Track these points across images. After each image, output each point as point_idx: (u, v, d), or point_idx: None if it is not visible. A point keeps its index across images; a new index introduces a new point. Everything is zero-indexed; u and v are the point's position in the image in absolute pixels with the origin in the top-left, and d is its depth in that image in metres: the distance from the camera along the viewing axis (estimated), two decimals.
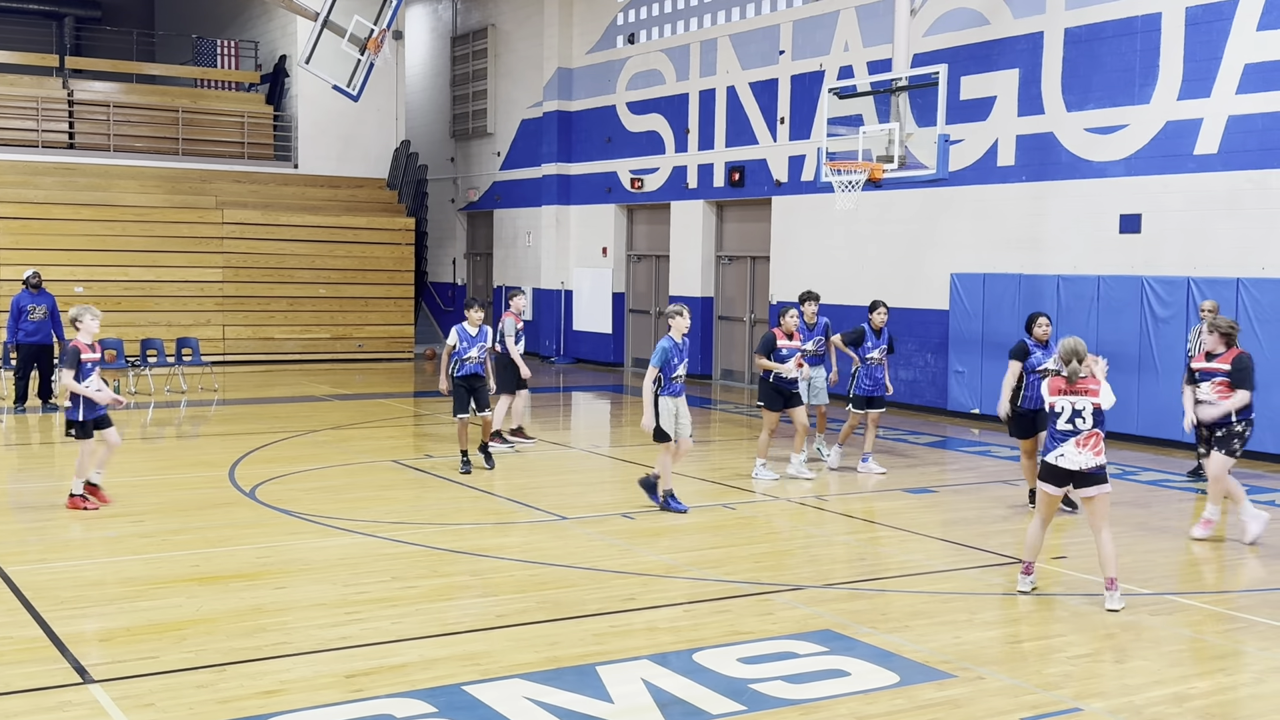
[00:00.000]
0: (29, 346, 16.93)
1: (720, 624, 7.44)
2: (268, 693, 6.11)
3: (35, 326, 16.85)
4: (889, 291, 18.52)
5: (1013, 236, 16.82)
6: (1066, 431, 7.87)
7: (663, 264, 23.94)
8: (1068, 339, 8.05)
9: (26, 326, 16.79)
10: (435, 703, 6.00)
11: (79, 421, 10.31)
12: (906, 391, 18.31)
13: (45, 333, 16.94)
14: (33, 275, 17.10)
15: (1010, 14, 16.78)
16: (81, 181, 24.46)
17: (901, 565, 9.04)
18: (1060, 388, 7.95)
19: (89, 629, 7.12)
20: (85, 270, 23.01)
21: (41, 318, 16.85)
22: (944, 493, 12.26)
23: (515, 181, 27.45)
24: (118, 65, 29.44)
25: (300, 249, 25.08)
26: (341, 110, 25.23)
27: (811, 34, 19.91)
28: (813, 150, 18.66)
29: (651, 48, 23.53)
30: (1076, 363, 7.88)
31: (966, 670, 6.61)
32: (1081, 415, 7.84)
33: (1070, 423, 7.85)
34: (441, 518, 10.49)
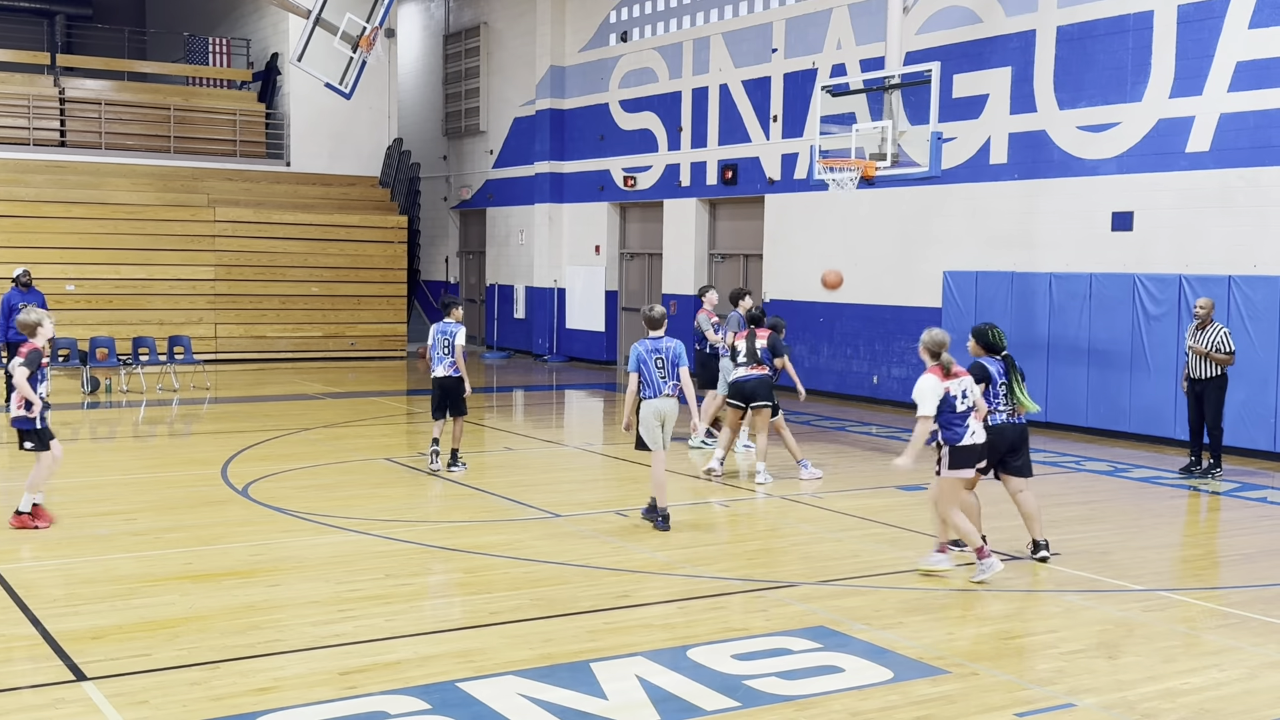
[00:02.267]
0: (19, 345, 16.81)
1: (714, 621, 7.45)
2: (261, 690, 6.10)
3: None
4: (882, 289, 18.56)
5: (1005, 234, 16.85)
6: (965, 412, 8.48)
7: (656, 262, 23.94)
8: (934, 331, 8.70)
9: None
10: (429, 699, 5.99)
11: (38, 430, 9.68)
12: (899, 389, 18.32)
13: None
14: (23, 274, 17.01)
15: (1002, 12, 16.80)
16: (73, 179, 24.39)
17: (895, 562, 9.05)
18: (941, 376, 8.47)
19: (82, 627, 7.10)
20: (77, 268, 22.95)
21: None
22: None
23: (508, 179, 27.43)
24: (109, 63, 29.36)
25: (292, 247, 25.04)
26: (334, 108, 25.18)
27: (804, 32, 19.92)
28: (806, 148, 18.68)
29: (644, 46, 23.52)
30: (945, 353, 8.53)
31: (960, 666, 6.62)
32: (967, 394, 8.49)
33: (965, 403, 8.45)
34: (435, 515, 10.48)
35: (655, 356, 9.90)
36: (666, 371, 9.91)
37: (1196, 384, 12.70)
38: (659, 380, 9.89)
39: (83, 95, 26.55)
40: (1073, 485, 12.44)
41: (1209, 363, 12.50)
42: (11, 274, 17.08)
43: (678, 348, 10.00)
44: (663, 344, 9.96)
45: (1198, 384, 12.68)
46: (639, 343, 10.03)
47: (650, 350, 9.91)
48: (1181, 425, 14.54)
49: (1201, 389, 12.65)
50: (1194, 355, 12.63)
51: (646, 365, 9.89)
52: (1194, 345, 12.60)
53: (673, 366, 9.94)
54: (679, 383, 9.98)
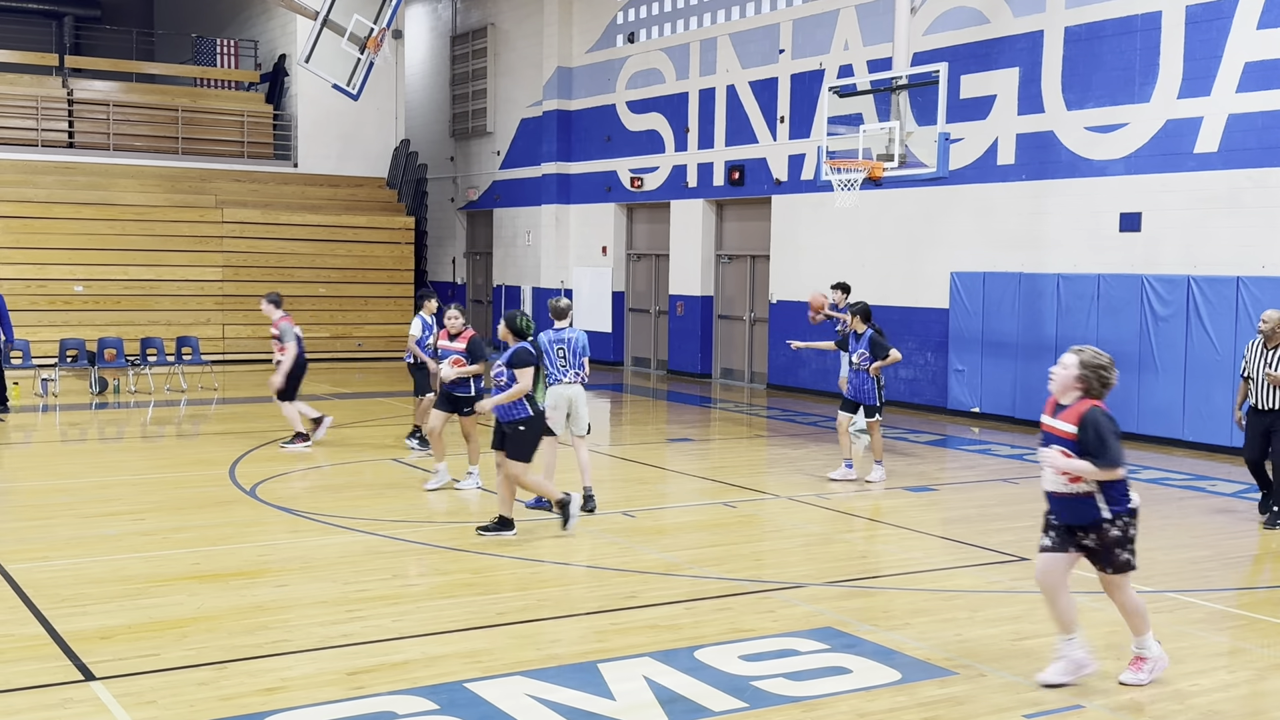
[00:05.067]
0: None
1: (721, 621, 7.44)
2: (269, 690, 6.11)
3: None
4: (889, 290, 18.54)
5: (1013, 235, 16.82)
6: None
7: (662, 263, 23.94)
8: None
9: None
10: (437, 700, 6.00)
11: None
12: (907, 390, 18.31)
13: None
14: None
15: (1010, 13, 16.78)
16: (81, 180, 24.45)
17: (902, 563, 9.04)
18: None
19: (90, 627, 7.11)
20: (85, 269, 23.01)
21: None
22: (944, 491, 12.26)
23: (515, 180, 27.45)
24: (117, 64, 29.43)
25: (300, 248, 25.08)
26: (341, 109, 25.22)
27: (811, 33, 19.91)
28: (813, 149, 18.66)
29: (651, 47, 23.53)
30: None
31: (968, 667, 6.61)
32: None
33: None
34: (442, 516, 10.48)
35: (558, 346, 10.53)
36: (569, 360, 10.51)
37: (1267, 415, 10.29)
38: (560, 368, 10.51)
39: (91, 96, 26.62)
40: None
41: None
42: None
43: (581, 337, 10.67)
44: (565, 334, 10.55)
45: (1269, 415, 10.28)
46: (543, 333, 10.56)
47: (554, 340, 10.52)
48: (1191, 426, 14.53)
49: (1274, 421, 10.27)
50: (1268, 382, 10.20)
51: (549, 354, 10.47)
52: (1271, 373, 10.15)
53: (575, 355, 10.56)
54: (581, 371, 10.60)
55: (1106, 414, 6.14)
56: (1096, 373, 6.17)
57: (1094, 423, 6.06)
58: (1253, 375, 10.37)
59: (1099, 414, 6.10)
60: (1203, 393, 14.39)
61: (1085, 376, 6.17)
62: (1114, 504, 6.18)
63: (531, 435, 9.44)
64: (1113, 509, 6.17)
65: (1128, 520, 6.21)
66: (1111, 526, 6.17)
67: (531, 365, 9.38)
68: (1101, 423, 6.08)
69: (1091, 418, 6.07)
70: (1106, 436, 6.06)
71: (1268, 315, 10.36)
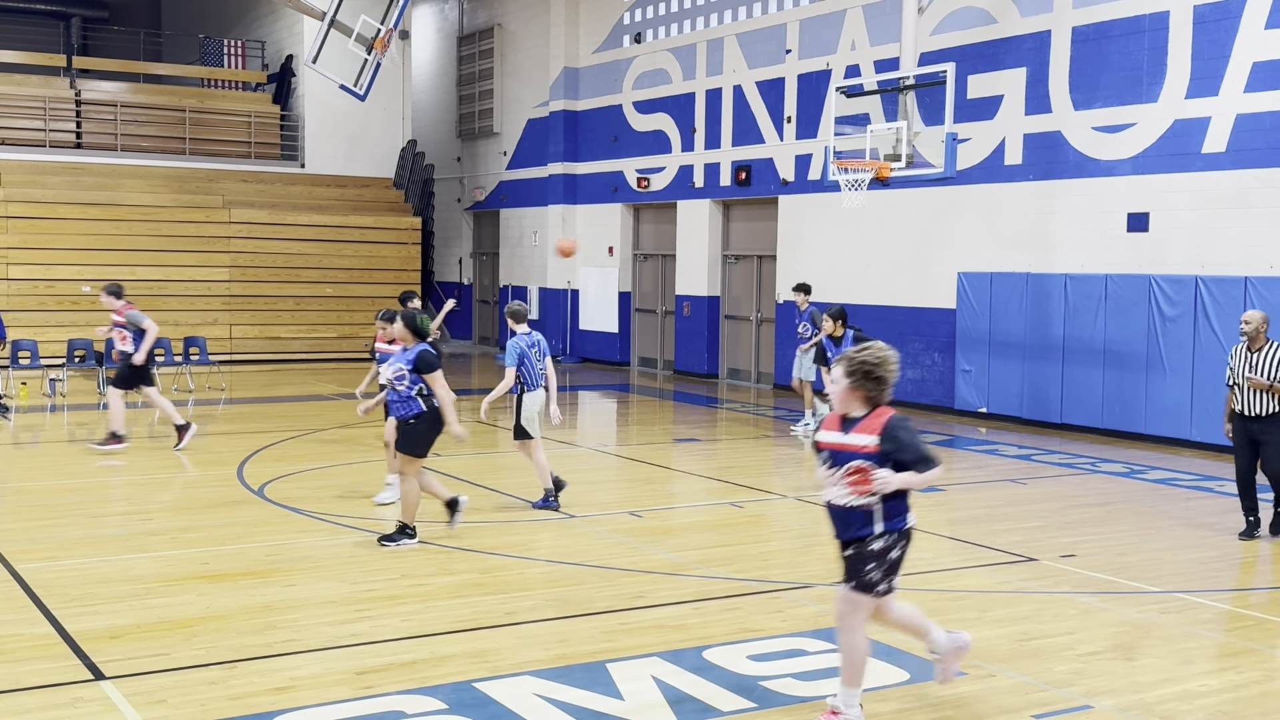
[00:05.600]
0: None
1: (730, 621, 7.44)
2: (279, 689, 6.12)
3: None
4: (896, 290, 18.53)
5: (1020, 235, 16.81)
6: None
7: (669, 263, 23.94)
8: None
9: None
10: (446, 699, 6.00)
11: None
12: (913, 390, 18.30)
13: None
14: None
15: (1018, 13, 16.76)
16: (89, 181, 24.49)
17: (910, 563, 8.98)
18: None
19: (99, 626, 7.13)
20: (93, 270, 23.04)
21: None
22: (952, 491, 12.25)
23: (521, 181, 27.47)
24: (125, 65, 29.48)
25: (307, 248, 25.11)
26: (348, 110, 25.25)
27: (818, 33, 19.91)
28: (819, 149, 18.66)
29: (658, 47, 23.53)
30: None
31: (976, 668, 6.61)
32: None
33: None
34: (447, 515, 10.47)
35: (533, 350, 10.53)
36: (542, 363, 10.59)
37: (1252, 423, 9.77)
38: (539, 372, 10.54)
39: (99, 97, 26.67)
40: (1089, 487, 12.41)
41: (1269, 396, 9.65)
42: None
43: (544, 340, 10.78)
44: (534, 337, 10.61)
45: (1254, 423, 9.75)
46: (518, 338, 10.51)
47: (529, 345, 10.51)
48: (1199, 426, 14.50)
49: (1260, 429, 9.72)
50: (1250, 388, 9.69)
51: (528, 359, 10.47)
52: (1253, 378, 9.64)
53: (544, 357, 10.64)
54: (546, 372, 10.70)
55: (905, 418, 5.61)
56: (862, 369, 5.56)
57: (897, 429, 5.52)
58: (1238, 382, 9.80)
59: (898, 420, 5.55)
60: (1210, 393, 14.36)
61: (857, 382, 5.56)
62: (889, 519, 5.58)
63: (426, 431, 9.19)
64: (886, 524, 5.57)
65: (895, 538, 5.60)
66: (875, 539, 5.57)
67: (440, 369, 9.11)
68: (904, 427, 5.55)
69: (891, 426, 5.53)
70: (916, 439, 5.55)
71: (1250, 316, 9.81)
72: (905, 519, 5.65)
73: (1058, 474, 13.15)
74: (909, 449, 5.50)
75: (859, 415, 5.60)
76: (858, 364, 5.57)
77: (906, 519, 5.66)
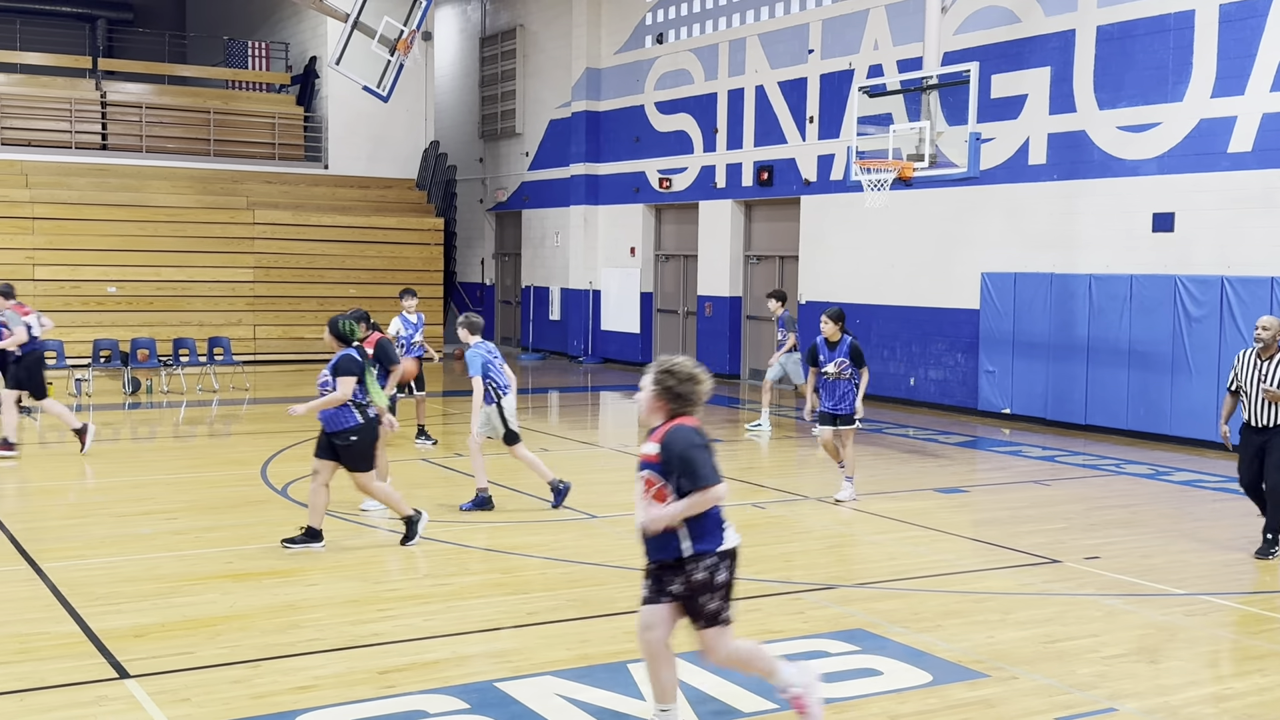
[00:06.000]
0: None
1: (751, 622, 7.41)
2: (302, 688, 6.14)
3: None
4: (919, 291, 18.47)
5: (1044, 235, 16.73)
6: None
7: (691, 264, 23.92)
8: None
9: None
10: (468, 699, 6.02)
11: None
12: (937, 391, 18.23)
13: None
14: None
15: (1042, 12, 16.68)
16: (114, 182, 24.65)
17: (933, 565, 9.00)
18: None
19: (124, 625, 7.17)
20: (118, 270, 23.20)
21: None
22: (975, 492, 12.21)
23: (543, 181, 27.50)
24: (150, 67, 29.66)
25: (330, 249, 25.21)
26: (371, 111, 25.34)
27: (841, 33, 19.86)
28: (842, 149, 18.62)
29: (680, 47, 23.52)
30: None
31: (999, 670, 6.58)
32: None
33: None
34: (472, 516, 10.50)
35: (495, 358, 10.54)
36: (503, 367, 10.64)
37: (1260, 433, 9.27)
38: (505, 381, 10.53)
39: (124, 99, 26.85)
40: (1113, 489, 12.33)
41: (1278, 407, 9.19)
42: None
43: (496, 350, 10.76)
44: (489, 345, 10.63)
45: (1262, 433, 9.26)
46: (477, 347, 10.52)
47: (489, 353, 10.52)
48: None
49: (1268, 440, 9.21)
50: (1264, 399, 9.19)
51: (493, 366, 10.48)
52: (1270, 389, 9.14)
53: (503, 362, 10.72)
54: None
55: (691, 429, 5.22)
56: (665, 383, 5.27)
57: (674, 441, 5.16)
58: (1245, 389, 9.33)
59: (680, 431, 5.19)
60: None
61: (661, 394, 5.28)
62: (699, 540, 5.18)
63: (364, 444, 9.03)
64: (697, 546, 5.18)
65: (716, 561, 5.23)
66: (696, 568, 5.19)
67: (355, 375, 8.96)
68: (681, 439, 5.16)
69: (671, 436, 5.17)
70: (691, 453, 5.12)
71: (1268, 322, 9.24)
72: (719, 538, 5.25)
73: (1082, 475, 13.08)
74: (679, 462, 5.12)
75: (656, 425, 5.32)
76: (665, 377, 5.28)
77: (722, 538, 5.26)
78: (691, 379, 5.27)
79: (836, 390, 11.14)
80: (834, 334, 11.09)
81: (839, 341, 11.09)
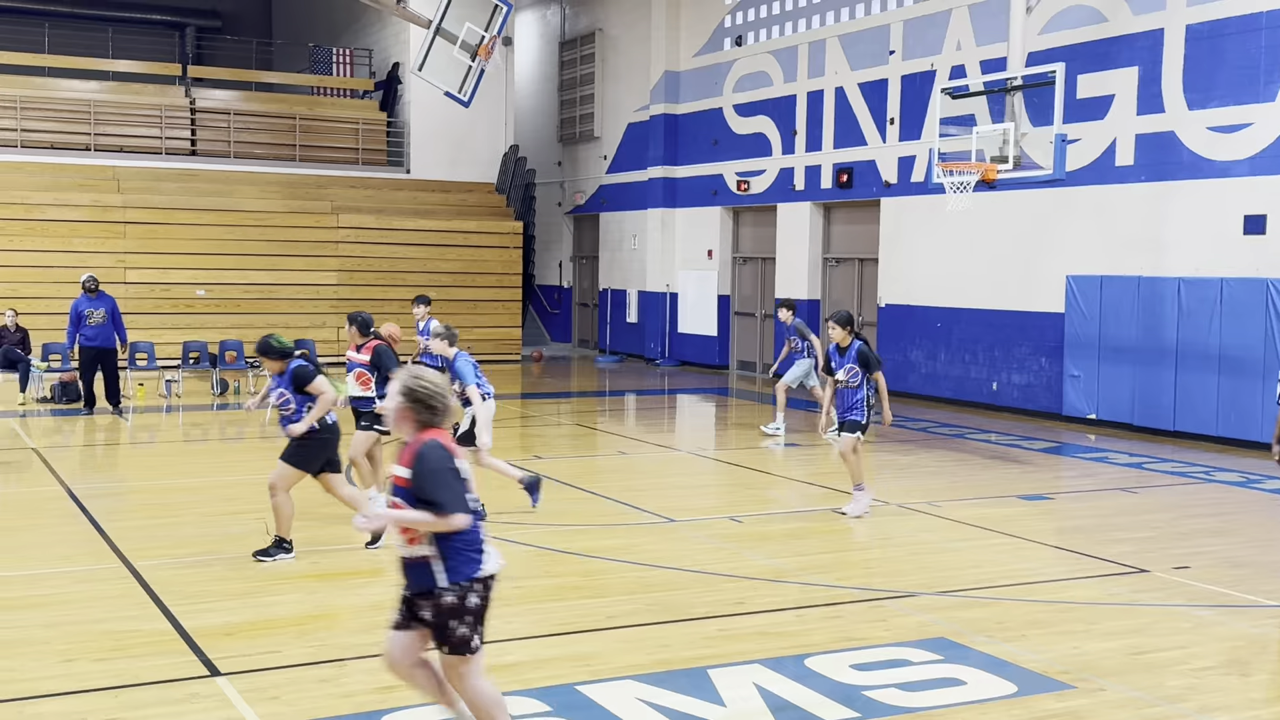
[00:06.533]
0: (91, 350, 16.86)
1: (831, 630, 7.39)
2: (386, 688, 6.21)
3: (95, 331, 16.79)
4: (1000, 294, 18.22)
5: (1131, 238, 16.41)
6: None
7: (769, 266, 23.84)
8: None
9: (86, 331, 16.92)
10: (549, 702, 6.06)
11: None
12: (1020, 396, 17.98)
13: (106, 336, 16.87)
14: (89, 279, 17.24)
15: (1129, 11, 16.37)
16: (203, 187, 25.19)
17: (1017, 573, 8.88)
18: None
19: (215, 623, 7.33)
20: (206, 273, 23.71)
21: (101, 321, 16.87)
22: (1060, 499, 12.02)
23: (621, 185, 27.59)
24: (237, 74, 30.29)
25: (411, 252, 25.52)
26: (453, 116, 25.60)
27: (922, 33, 19.67)
28: (923, 151, 18.44)
29: (759, 50, 23.46)
30: None
31: (1086, 681, 6.47)
32: None
33: None
34: (551, 518, 10.57)
35: (479, 366, 10.58)
36: None
37: None
38: (488, 385, 10.55)
39: (212, 105, 27.43)
40: (1202, 497, 12.07)
41: None
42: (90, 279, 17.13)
43: None
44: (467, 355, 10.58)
45: None
46: (461, 355, 10.51)
47: (470, 360, 10.52)
48: None
49: None
50: None
51: (478, 372, 10.51)
52: None
53: None
54: None
55: (442, 448, 4.98)
56: (414, 393, 5.02)
57: (424, 459, 4.92)
58: None
59: (430, 449, 4.95)
60: None
61: (409, 402, 5.03)
62: (454, 571, 4.95)
63: (317, 447, 8.92)
64: (451, 577, 4.95)
65: (467, 587, 4.98)
66: (446, 593, 4.97)
67: (316, 378, 8.92)
68: (432, 458, 4.93)
69: (421, 455, 4.94)
70: (439, 476, 4.90)
71: None
72: (477, 566, 5.01)
73: (1170, 483, 12.81)
74: (427, 481, 4.89)
75: (408, 440, 5.09)
76: (413, 385, 5.04)
77: (479, 566, 5.02)
78: (439, 389, 5.06)
79: (846, 399, 10.72)
80: (844, 339, 10.71)
81: (849, 346, 10.73)
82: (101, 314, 16.90)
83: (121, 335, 17.12)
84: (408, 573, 5.08)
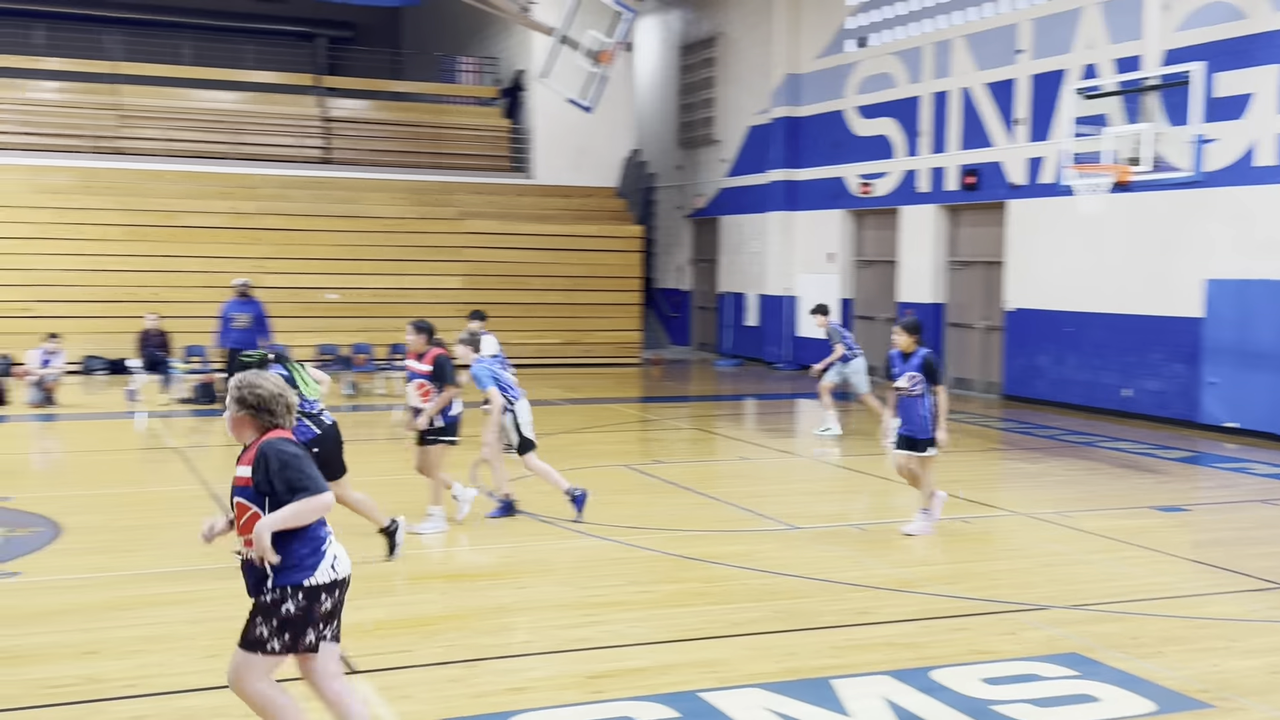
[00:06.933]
0: (235, 353, 17.25)
1: (959, 642, 7.30)
2: (516, 690, 6.34)
3: (238, 334, 17.30)
4: (1131, 298, 17.73)
5: (1271, 241, 15.83)
6: None
7: (891, 269, 23.57)
8: None
9: (231, 334, 17.44)
10: (676, 708, 6.10)
11: None
12: (1153, 403, 17.48)
13: (248, 340, 17.22)
14: (241, 283, 17.73)
15: (1269, 7, 15.80)
16: (334, 194, 25.88)
17: (1152, 587, 8.65)
18: None
19: (349, 622, 7.44)
20: (337, 279, 24.35)
21: (245, 325, 17.37)
22: (1197, 511, 11.66)
23: (741, 188, 27.55)
24: (368, 83, 31.00)
25: (534, 257, 25.86)
26: (575, 122, 25.85)
27: (1052, 32, 19.25)
28: (1052, 152, 18.06)
29: (882, 51, 23.21)
30: None
31: (1226, 700, 6.29)
32: None
33: None
34: (673, 523, 10.63)
35: (504, 369, 10.80)
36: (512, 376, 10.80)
37: None
38: (517, 385, 10.76)
39: (344, 114, 28.17)
40: None
41: None
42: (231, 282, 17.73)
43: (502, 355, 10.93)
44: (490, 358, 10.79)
45: None
46: (483, 361, 10.62)
47: (494, 363, 10.68)
48: None
49: None
50: None
51: (502, 377, 10.61)
52: None
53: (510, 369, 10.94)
54: None
55: (283, 439, 4.92)
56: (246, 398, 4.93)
57: (266, 455, 4.83)
58: None
59: (271, 445, 4.86)
60: None
61: (244, 409, 4.94)
62: (285, 573, 4.84)
63: (326, 453, 8.86)
64: (278, 580, 4.84)
65: (289, 593, 4.86)
66: (268, 594, 4.86)
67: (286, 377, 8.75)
68: (274, 452, 4.84)
69: (262, 451, 4.85)
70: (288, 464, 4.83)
71: None
72: (309, 574, 4.89)
73: None
74: (276, 476, 4.81)
75: (247, 444, 5.01)
76: (244, 391, 4.95)
77: (311, 574, 4.89)
78: (273, 390, 4.97)
79: (912, 410, 10.15)
80: (908, 345, 10.34)
81: (913, 354, 10.35)
82: (247, 318, 17.53)
83: (267, 338, 17.69)
84: (246, 576, 4.94)
